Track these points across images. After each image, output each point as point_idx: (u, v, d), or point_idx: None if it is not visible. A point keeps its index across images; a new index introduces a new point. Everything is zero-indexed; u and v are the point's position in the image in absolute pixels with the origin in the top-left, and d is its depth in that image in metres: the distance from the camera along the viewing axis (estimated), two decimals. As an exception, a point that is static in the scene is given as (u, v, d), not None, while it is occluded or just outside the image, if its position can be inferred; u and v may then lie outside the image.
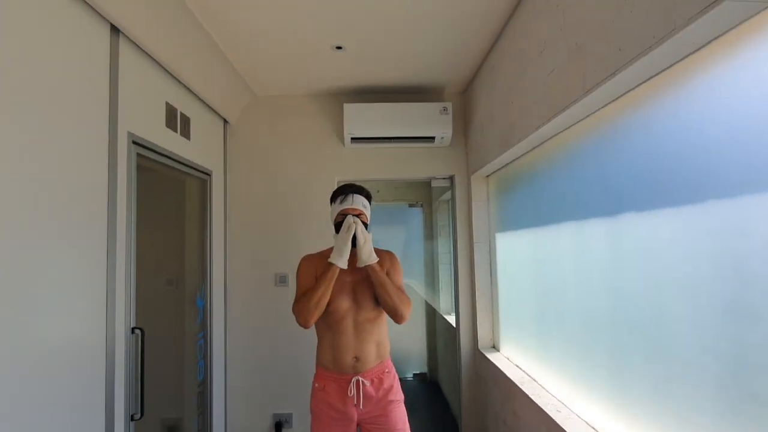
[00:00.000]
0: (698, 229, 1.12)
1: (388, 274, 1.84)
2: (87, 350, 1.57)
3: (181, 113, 2.38)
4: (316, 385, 1.84)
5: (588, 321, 1.71)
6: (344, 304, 1.79)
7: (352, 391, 1.76)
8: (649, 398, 1.34)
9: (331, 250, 1.85)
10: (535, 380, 2.21)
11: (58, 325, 1.43)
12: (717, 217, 1.06)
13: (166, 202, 2.72)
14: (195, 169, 2.57)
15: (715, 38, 1.03)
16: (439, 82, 3.01)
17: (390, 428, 1.80)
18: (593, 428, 1.63)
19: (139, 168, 1.95)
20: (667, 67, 1.19)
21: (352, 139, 3.00)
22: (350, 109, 2.93)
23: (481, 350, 2.90)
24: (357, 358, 1.78)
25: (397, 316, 1.78)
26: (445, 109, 2.96)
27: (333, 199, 1.90)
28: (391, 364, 1.89)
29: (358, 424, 1.82)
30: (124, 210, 1.80)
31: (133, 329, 1.83)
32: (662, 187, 1.25)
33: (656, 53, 1.09)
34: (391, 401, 1.82)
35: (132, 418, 1.81)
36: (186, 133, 2.43)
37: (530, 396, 2.01)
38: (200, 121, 2.63)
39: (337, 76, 2.87)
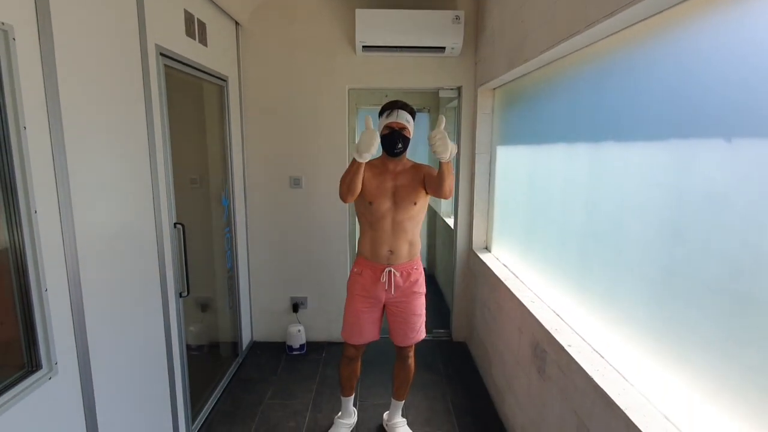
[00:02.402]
0: (656, 162, 1.33)
1: (426, 176, 2.12)
2: (142, 239, 1.89)
3: (198, 19, 2.43)
4: (355, 270, 2.22)
5: (565, 230, 1.99)
6: (385, 204, 2.10)
7: (384, 278, 2.13)
8: (603, 294, 1.67)
9: (377, 159, 2.17)
10: (517, 277, 2.57)
11: (119, 214, 1.73)
12: (672, 153, 1.27)
13: (186, 107, 2.86)
14: (213, 75, 2.69)
15: (699, -7, 1.14)
16: (453, -13, 2.96)
17: (409, 312, 2.21)
18: (557, 314, 2.00)
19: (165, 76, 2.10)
20: (655, 14, 1.30)
21: (363, 47, 3.03)
22: (362, 15, 2.93)
23: (475, 250, 3.26)
24: (391, 252, 2.12)
25: (448, 195, 2.02)
26: (457, 17, 2.95)
27: (381, 113, 2.11)
28: (420, 262, 2.23)
29: (384, 305, 2.23)
30: (158, 118, 2.00)
31: (175, 224, 2.14)
32: (637, 122, 1.43)
33: (647, 2, 1.21)
34: (415, 292, 2.20)
35: (180, 295, 2.20)
36: (203, 39, 2.51)
37: (511, 289, 2.38)
38: (214, 25, 2.68)
39: (350, -20, 2.82)
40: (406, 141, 2.07)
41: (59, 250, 1.37)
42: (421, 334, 2.29)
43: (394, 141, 2.05)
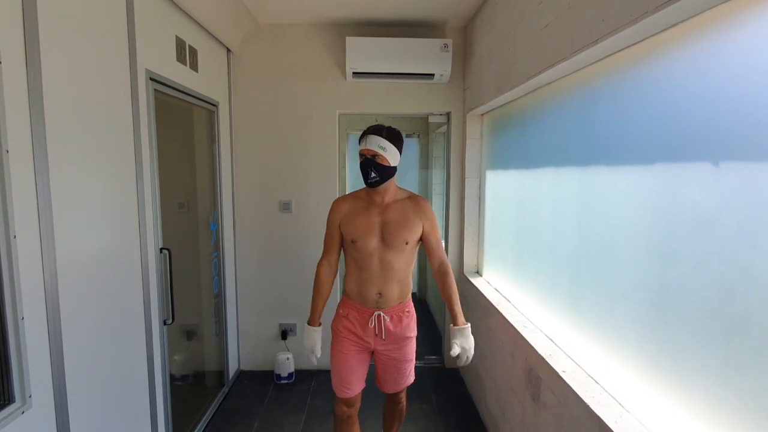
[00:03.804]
0: (645, 186, 1.34)
1: (425, 232, 1.92)
2: (126, 265, 1.84)
3: (189, 46, 2.45)
4: (341, 311, 1.99)
5: (556, 253, 1.98)
6: (372, 243, 1.88)
7: (373, 323, 1.92)
8: (596, 317, 1.65)
9: (362, 191, 1.97)
10: (509, 301, 2.55)
11: (103, 239, 1.69)
12: (660, 178, 1.28)
13: (176, 131, 2.86)
14: (203, 100, 2.69)
15: (681, 22, 1.17)
16: (441, 16, 3.03)
17: (400, 358, 1.99)
18: (551, 339, 1.97)
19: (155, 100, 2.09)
20: (640, 41, 1.33)
21: (353, 73, 3.07)
22: (353, 43, 2.98)
23: (466, 274, 3.24)
24: (380, 294, 1.90)
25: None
26: (445, 46, 3.02)
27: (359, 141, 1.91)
28: (411, 304, 2.02)
29: (372, 350, 1.99)
30: (147, 142, 1.98)
31: (161, 249, 2.10)
32: (625, 146, 1.45)
33: (630, 30, 1.24)
34: (407, 337, 1.99)
35: (165, 323, 2.13)
36: (194, 65, 2.52)
37: (503, 314, 2.35)
38: (206, 51, 2.70)
39: (339, 6, 2.87)
40: (380, 169, 1.82)
41: (38, 277, 1.33)
42: (411, 377, 2.08)
43: (365, 170, 1.83)
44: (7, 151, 1.20)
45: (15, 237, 1.23)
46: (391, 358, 2.00)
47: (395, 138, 1.87)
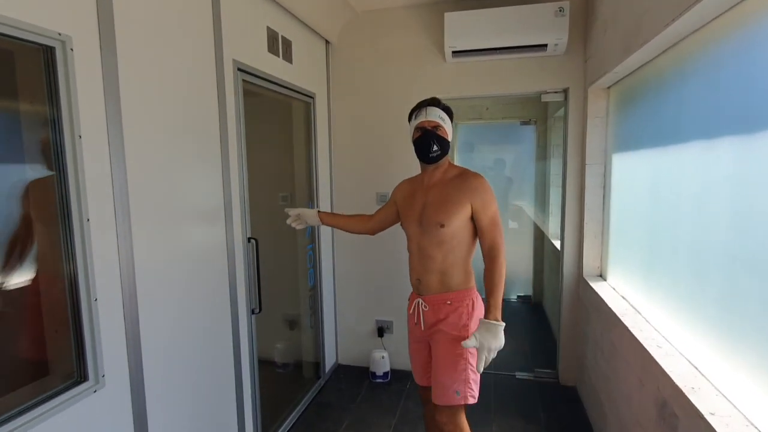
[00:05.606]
0: None
1: (475, 211, 1.71)
2: (211, 253, 1.87)
3: (283, 37, 2.45)
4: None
5: (703, 255, 1.50)
6: (411, 226, 1.82)
7: (413, 309, 1.85)
8: (763, 343, 1.18)
9: (417, 175, 1.94)
10: (639, 312, 2.06)
11: (184, 227, 1.71)
12: None
13: (275, 124, 2.91)
14: (298, 92, 2.68)
15: None
16: (556, -25, 2.61)
17: (436, 358, 1.78)
18: (695, 367, 1.50)
19: (246, 93, 2.10)
20: None
21: (453, 52, 2.81)
22: (451, 19, 2.72)
23: (586, 278, 2.75)
24: (419, 281, 1.81)
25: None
26: (560, 9, 2.59)
27: (410, 118, 1.86)
28: (459, 297, 1.75)
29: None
30: (234, 133, 1.99)
31: (249, 239, 2.11)
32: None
33: None
34: (442, 331, 1.75)
35: (253, 312, 2.14)
36: (288, 56, 2.52)
37: (630, 328, 1.89)
38: (302, 43, 2.69)
39: (437, -18, 2.64)
40: (442, 141, 1.74)
41: (113, 260, 1.36)
42: (453, 397, 1.70)
43: (427, 143, 1.73)
44: (80, 137, 1.24)
45: (88, 220, 1.26)
46: (434, 355, 1.82)
47: (450, 111, 1.84)
